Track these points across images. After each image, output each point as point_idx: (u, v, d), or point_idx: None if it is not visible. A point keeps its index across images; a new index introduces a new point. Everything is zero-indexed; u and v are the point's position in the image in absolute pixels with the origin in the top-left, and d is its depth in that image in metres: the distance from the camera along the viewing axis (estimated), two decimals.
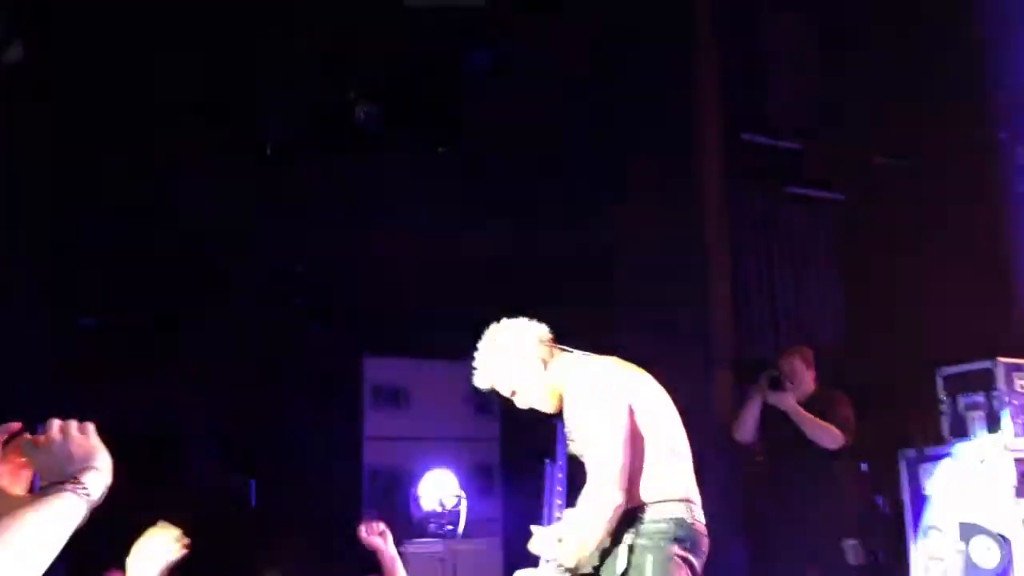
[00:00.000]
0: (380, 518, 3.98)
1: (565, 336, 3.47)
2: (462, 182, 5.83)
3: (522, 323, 3.37)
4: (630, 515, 3.08)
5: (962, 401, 4.96)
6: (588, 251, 6.34)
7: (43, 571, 1.47)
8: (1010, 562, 4.50)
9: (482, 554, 5.60)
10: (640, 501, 3.09)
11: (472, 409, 6.23)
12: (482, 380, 3.35)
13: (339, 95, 5.44)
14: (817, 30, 7.74)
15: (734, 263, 7.25)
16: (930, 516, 4.87)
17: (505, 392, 3.35)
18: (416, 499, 5.54)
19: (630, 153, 6.45)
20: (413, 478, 5.73)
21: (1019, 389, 4.87)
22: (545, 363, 3.29)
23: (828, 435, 4.83)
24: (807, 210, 7.77)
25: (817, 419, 4.87)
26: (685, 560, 3.02)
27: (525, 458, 4.58)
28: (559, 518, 4.32)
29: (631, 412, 3.14)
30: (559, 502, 4.96)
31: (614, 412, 3.10)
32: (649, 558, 2.99)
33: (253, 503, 6.21)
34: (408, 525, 5.52)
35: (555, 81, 6.16)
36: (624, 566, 3.00)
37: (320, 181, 5.74)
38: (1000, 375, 4.83)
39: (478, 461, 6.10)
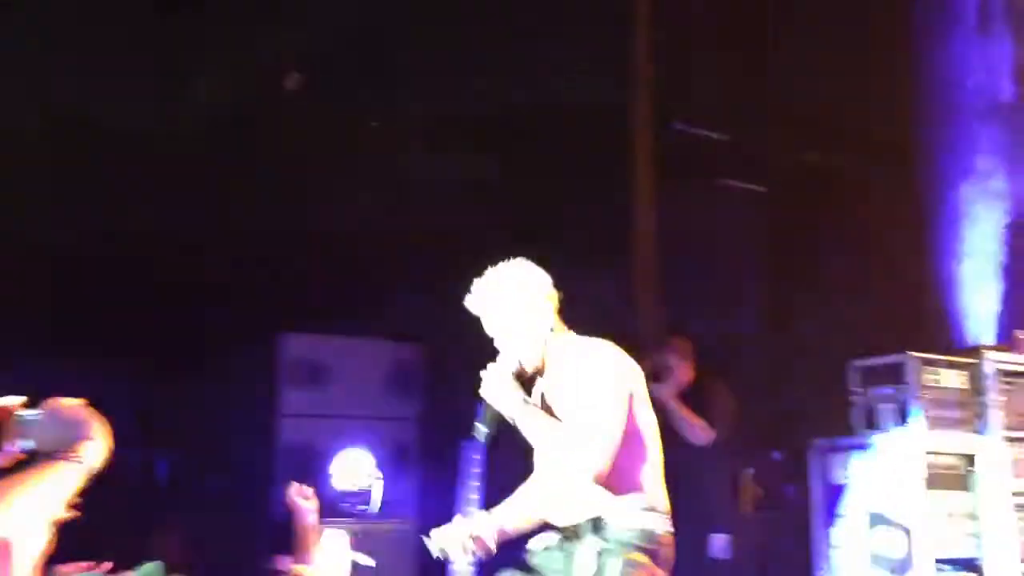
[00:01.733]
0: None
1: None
2: (391, 156, 5.74)
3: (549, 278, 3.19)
4: (598, 520, 3.01)
5: (873, 393, 5.05)
6: (516, 236, 6.31)
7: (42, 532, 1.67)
8: (912, 553, 4.60)
9: (395, 535, 5.55)
10: (611, 505, 3.02)
11: (392, 389, 6.17)
12: (478, 302, 3.12)
13: (268, 62, 5.33)
14: (748, 22, 7.81)
15: (661, 251, 7.29)
16: (838, 505, 4.96)
17: (495, 324, 3.12)
18: (329, 478, 5.46)
19: (561, 136, 6.43)
20: (328, 457, 5.65)
21: (929, 383, 4.97)
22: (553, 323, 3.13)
23: (699, 432, 4.86)
24: (734, 202, 7.85)
25: (690, 416, 4.87)
26: (649, 572, 2.95)
27: (443, 439, 4.54)
28: (474, 500, 4.25)
29: (630, 408, 3.04)
30: (475, 484, 4.92)
31: (620, 405, 2.99)
32: (610, 563, 2.92)
33: (164, 479, 6.08)
34: (320, 504, 5.46)
35: (486, 61, 6.11)
36: (593, 569, 2.93)
37: (246, 149, 5.60)
38: (910, 369, 4.92)
39: (395, 441, 6.03)
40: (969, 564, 4.82)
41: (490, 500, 3.40)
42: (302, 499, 3.96)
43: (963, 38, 7.36)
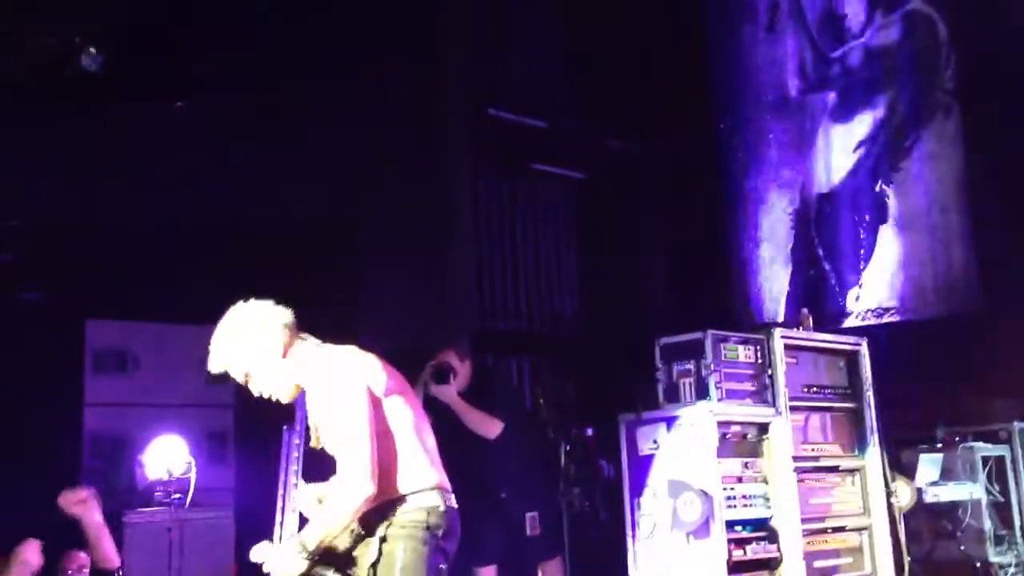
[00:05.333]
0: (92, 486, 3.80)
1: (305, 306, 3.40)
2: (197, 140, 5.58)
3: (264, 306, 3.26)
4: (384, 508, 3.08)
5: (676, 368, 5.33)
6: (332, 221, 6.28)
7: None
8: (710, 515, 4.92)
9: (212, 524, 5.47)
10: (392, 494, 3.09)
11: (206, 374, 6.05)
12: (215, 363, 3.25)
13: (63, 39, 5.08)
14: (562, 9, 8.04)
15: (477, 236, 7.41)
16: (645, 476, 5.23)
17: (238, 377, 3.26)
18: (141, 467, 5.31)
19: (377, 120, 6.44)
20: (139, 445, 5.49)
21: (724, 358, 5.30)
22: (285, 349, 3.20)
23: (487, 426, 4.98)
24: (550, 187, 8.09)
25: (476, 411, 4.98)
26: (438, 548, 3.06)
27: (261, 425, 4.50)
28: (295, 485, 4.27)
29: (376, 403, 3.12)
30: (295, 468, 4.90)
31: (360, 406, 3.07)
32: (400, 546, 3.01)
33: None
34: (132, 494, 5.31)
35: (300, 46, 6.04)
36: (375, 556, 3.01)
37: (39, 130, 5.32)
38: (708, 345, 5.23)
39: (211, 428, 5.94)
40: (761, 524, 5.21)
41: (310, 482, 3.42)
42: (75, 503, 3.74)
43: (754, 35, 7.84)
